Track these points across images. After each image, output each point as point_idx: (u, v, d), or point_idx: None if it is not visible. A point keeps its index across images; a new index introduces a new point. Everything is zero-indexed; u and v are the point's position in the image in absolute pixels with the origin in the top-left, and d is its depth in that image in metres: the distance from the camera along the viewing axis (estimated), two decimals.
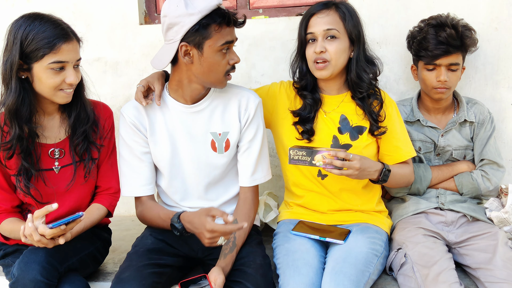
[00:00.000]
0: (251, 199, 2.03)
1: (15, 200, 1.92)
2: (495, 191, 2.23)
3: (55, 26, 1.76)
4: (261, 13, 2.78)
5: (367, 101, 2.04)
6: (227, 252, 1.85)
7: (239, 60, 1.87)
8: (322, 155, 1.80)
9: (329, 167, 1.81)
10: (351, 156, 1.81)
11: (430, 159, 2.29)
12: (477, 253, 1.95)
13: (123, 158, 2.00)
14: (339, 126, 2.05)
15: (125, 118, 1.96)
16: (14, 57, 1.73)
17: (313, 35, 1.97)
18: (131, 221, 2.82)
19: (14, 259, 1.87)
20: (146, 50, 2.77)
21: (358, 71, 2.01)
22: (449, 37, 2.08)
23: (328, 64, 1.96)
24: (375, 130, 2.03)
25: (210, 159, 1.97)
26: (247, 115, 1.98)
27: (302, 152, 1.83)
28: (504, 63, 2.50)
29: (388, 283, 1.95)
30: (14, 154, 1.83)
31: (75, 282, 1.81)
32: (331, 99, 2.09)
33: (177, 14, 1.75)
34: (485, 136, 2.25)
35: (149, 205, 1.99)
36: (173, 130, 1.96)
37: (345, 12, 1.97)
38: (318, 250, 1.90)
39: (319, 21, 1.96)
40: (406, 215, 2.16)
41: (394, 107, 2.10)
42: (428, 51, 2.12)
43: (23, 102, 1.79)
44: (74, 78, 1.79)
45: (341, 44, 1.96)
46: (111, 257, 2.25)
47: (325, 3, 1.99)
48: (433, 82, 2.16)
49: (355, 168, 1.81)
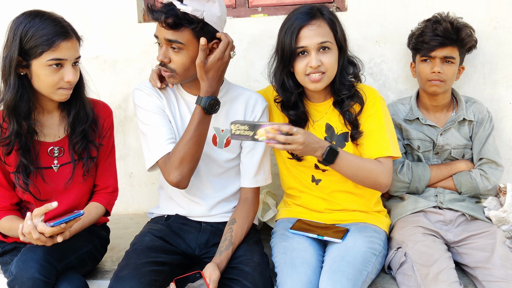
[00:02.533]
0: (251, 200, 2.04)
1: (14, 197, 1.92)
2: (493, 190, 2.23)
3: (55, 24, 1.76)
4: (260, 11, 2.78)
5: (345, 103, 1.97)
6: (222, 250, 1.86)
7: None
8: (265, 129, 1.70)
9: (273, 142, 1.72)
10: (295, 130, 1.74)
11: (429, 158, 2.30)
12: (475, 252, 1.95)
13: (146, 126, 1.94)
14: (325, 136, 2.04)
15: (142, 90, 1.96)
16: (13, 53, 1.73)
17: (305, 48, 1.88)
18: (130, 219, 2.82)
19: (12, 257, 1.87)
20: (144, 49, 2.76)
21: (341, 78, 1.96)
22: (445, 30, 2.13)
23: (324, 76, 1.90)
24: (354, 135, 1.99)
25: (210, 152, 2.00)
26: (253, 116, 2.01)
27: (245, 127, 1.72)
28: (503, 62, 2.50)
29: (387, 282, 1.95)
30: (13, 150, 1.83)
31: (74, 280, 1.81)
32: (318, 107, 2.06)
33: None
34: (484, 135, 2.25)
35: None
36: (179, 117, 1.99)
37: (332, 19, 1.92)
38: (316, 249, 1.90)
39: (311, 33, 1.87)
40: (405, 214, 2.16)
41: (376, 103, 1.99)
42: (424, 43, 2.17)
43: (22, 98, 1.79)
44: (72, 77, 1.79)
45: (334, 55, 1.91)
46: (109, 255, 2.25)
47: (310, 12, 1.90)
48: (427, 74, 2.18)
49: (299, 143, 1.73)
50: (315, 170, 2.05)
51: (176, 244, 1.97)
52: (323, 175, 2.05)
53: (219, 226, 2.02)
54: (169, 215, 2.08)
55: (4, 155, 1.84)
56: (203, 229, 2.03)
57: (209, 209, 2.03)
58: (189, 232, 2.01)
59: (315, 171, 2.05)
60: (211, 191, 2.04)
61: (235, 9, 2.80)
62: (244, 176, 2.05)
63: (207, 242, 2.00)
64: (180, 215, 2.06)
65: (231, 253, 1.88)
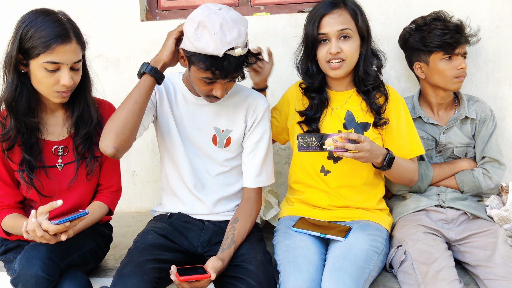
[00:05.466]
0: (254, 199, 2.05)
1: (18, 195, 1.92)
2: (496, 189, 2.23)
3: (55, 26, 1.74)
4: (262, 9, 2.78)
5: (371, 94, 2.04)
6: (225, 248, 1.87)
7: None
8: (332, 138, 1.80)
9: (341, 150, 1.80)
10: (363, 138, 1.82)
11: (431, 157, 2.29)
12: (477, 250, 1.95)
13: None
14: (344, 122, 2.06)
15: None
16: (13, 51, 1.75)
17: (326, 36, 1.96)
18: (132, 217, 2.83)
19: (15, 254, 1.87)
20: (147, 47, 2.76)
21: (365, 66, 2.02)
22: (458, 27, 2.16)
23: (344, 63, 1.96)
24: (377, 122, 2.03)
25: (210, 152, 2.02)
26: (254, 117, 2.02)
27: (311, 138, 1.82)
28: (505, 61, 2.50)
29: (388, 280, 1.95)
30: (15, 145, 1.84)
31: (76, 278, 1.81)
32: (338, 96, 2.10)
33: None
34: (487, 133, 2.25)
35: None
36: (180, 115, 2.01)
37: (355, 10, 1.98)
38: (318, 247, 1.91)
39: (332, 21, 1.95)
40: (406, 213, 2.16)
41: (402, 104, 2.08)
42: (446, 41, 2.14)
43: (21, 95, 1.80)
44: (68, 80, 1.77)
45: (354, 43, 1.97)
46: (112, 253, 2.26)
47: (333, 2, 1.98)
48: (453, 72, 2.17)
49: (366, 150, 1.82)
50: (327, 160, 2.06)
51: (179, 242, 1.97)
52: (334, 166, 2.05)
53: (222, 225, 2.03)
54: (172, 213, 2.08)
55: (7, 150, 1.84)
56: (206, 227, 2.03)
57: (212, 207, 2.04)
58: (191, 230, 2.02)
59: (327, 161, 2.06)
60: (214, 190, 2.05)
61: (237, 7, 2.80)
62: (246, 176, 2.05)
63: (209, 240, 2.00)
64: (183, 213, 2.06)
65: (233, 252, 1.88)
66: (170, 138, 2.02)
